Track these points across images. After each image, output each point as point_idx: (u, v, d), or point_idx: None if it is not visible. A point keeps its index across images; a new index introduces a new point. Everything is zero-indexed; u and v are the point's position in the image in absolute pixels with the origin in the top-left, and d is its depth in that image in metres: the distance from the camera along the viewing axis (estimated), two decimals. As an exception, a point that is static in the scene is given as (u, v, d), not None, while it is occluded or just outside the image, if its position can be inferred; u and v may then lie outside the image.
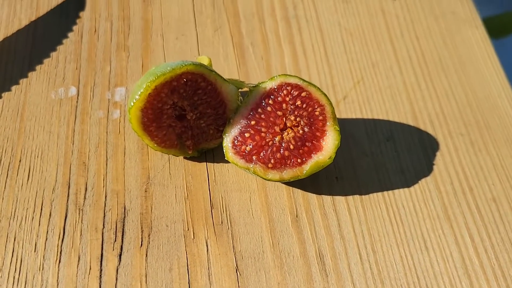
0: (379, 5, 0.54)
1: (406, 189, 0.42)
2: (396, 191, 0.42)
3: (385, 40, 0.51)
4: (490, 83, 0.49)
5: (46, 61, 0.46)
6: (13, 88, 0.45)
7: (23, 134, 0.42)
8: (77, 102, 0.44)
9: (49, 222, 0.39)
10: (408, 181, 0.43)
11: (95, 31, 0.49)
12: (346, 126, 0.45)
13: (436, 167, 0.44)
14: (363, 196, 0.42)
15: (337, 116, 0.46)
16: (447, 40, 0.52)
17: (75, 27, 0.49)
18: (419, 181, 0.43)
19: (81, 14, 0.50)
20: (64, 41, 0.48)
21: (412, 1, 0.54)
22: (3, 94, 0.44)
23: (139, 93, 0.36)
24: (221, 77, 0.39)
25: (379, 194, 0.42)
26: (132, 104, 0.37)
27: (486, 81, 0.49)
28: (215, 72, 0.38)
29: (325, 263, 0.38)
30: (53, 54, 0.47)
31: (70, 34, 0.48)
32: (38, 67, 0.46)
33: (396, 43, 0.51)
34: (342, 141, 0.44)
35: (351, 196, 0.42)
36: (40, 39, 0.48)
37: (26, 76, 0.45)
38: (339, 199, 0.41)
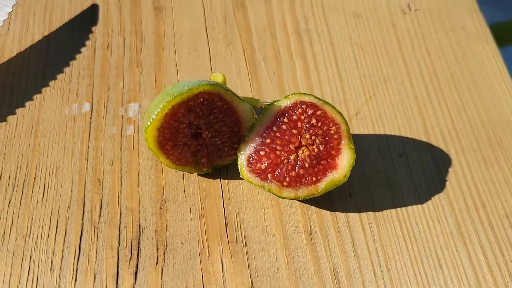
0: (390, 19, 0.54)
1: (419, 206, 0.43)
2: (409, 207, 0.42)
3: (396, 55, 0.51)
4: (502, 99, 0.49)
5: (59, 76, 0.47)
6: (27, 104, 0.45)
7: (37, 151, 0.43)
8: (91, 118, 0.45)
9: (64, 240, 0.39)
10: (421, 198, 0.43)
11: (108, 46, 0.49)
12: (359, 142, 0.45)
13: (448, 183, 0.44)
14: (376, 213, 0.42)
15: (350, 132, 0.46)
16: (458, 55, 0.52)
17: (88, 42, 0.49)
18: (432, 198, 0.43)
19: (93, 29, 0.50)
20: (77, 56, 0.48)
21: (423, 15, 0.54)
22: (17, 110, 0.44)
23: (156, 112, 0.36)
24: (237, 96, 0.39)
25: (393, 211, 0.42)
26: (149, 123, 0.37)
27: (498, 97, 0.49)
28: (231, 91, 0.39)
29: (340, 281, 0.38)
30: (67, 69, 0.47)
31: (83, 49, 0.48)
32: (51, 83, 0.46)
33: (408, 58, 0.51)
34: (356, 158, 0.44)
35: (364, 213, 0.42)
36: (53, 54, 0.48)
37: (40, 92, 0.46)
38: (353, 216, 0.42)
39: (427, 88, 0.49)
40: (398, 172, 0.44)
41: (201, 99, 0.37)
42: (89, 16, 0.50)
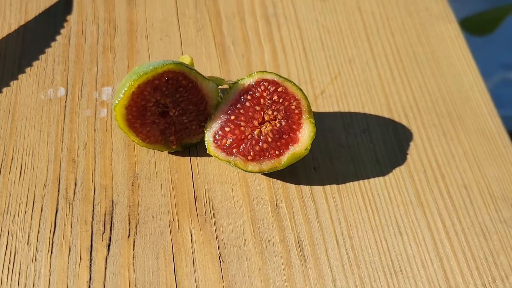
0: (356, 2, 0.56)
1: (381, 178, 0.45)
2: (371, 180, 0.45)
3: (362, 37, 0.53)
4: (463, 76, 0.51)
5: (35, 63, 0.48)
6: (4, 90, 0.47)
7: (14, 134, 0.44)
8: (65, 102, 0.46)
9: (41, 216, 0.41)
10: (383, 171, 0.45)
11: (82, 33, 0.51)
12: (324, 120, 0.47)
13: (409, 156, 0.46)
14: (340, 185, 0.44)
15: (315, 110, 0.48)
16: (421, 35, 0.54)
17: (62, 30, 0.51)
18: (394, 170, 0.45)
19: (68, 17, 0.52)
20: (53, 44, 0.50)
21: (387, -2, 0.56)
22: (-6, 96, 0.46)
23: (123, 91, 0.38)
24: (201, 75, 0.41)
25: (355, 183, 0.44)
26: (117, 102, 0.39)
27: (459, 74, 0.51)
28: (195, 70, 0.40)
29: (304, 249, 0.41)
30: (42, 56, 0.49)
31: (58, 37, 0.50)
32: (28, 70, 0.48)
33: (372, 39, 0.53)
34: (320, 133, 0.46)
35: (328, 185, 0.44)
36: (29, 43, 0.50)
37: (17, 78, 0.47)
38: (317, 188, 0.44)
39: (390, 67, 0.51)
40: (361, 147, 0.46)
41: (166, 78, 0.39)
42: (64, 5, 0.52)
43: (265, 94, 0.41)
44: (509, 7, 1.05)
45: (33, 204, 0.41)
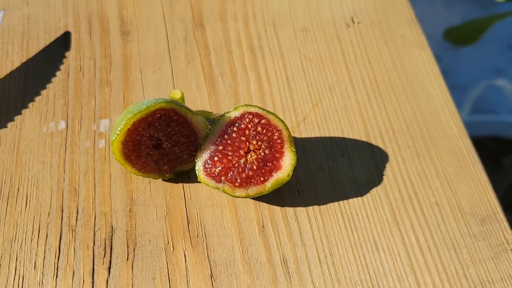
0: (335, 32, 0.60)
1: (359, 198, 0.48)
2: (350, 200, 0.48)
3: (341, 64, 0.57)
4: (435, 99, 0.55)
5: (37, 98, 0.52)
6: (9, 124, 0.50)
7: (20, 166, 0.48)
8: (66, 134, 0.50)
9: (46, 242, 0.44)
10: (361, 191, 0.49)
11: (80, 69, 0.54)
12: (306, 145, 0.51)
13: (385, 177, 0.50)
14: (321, 206, 0.48)
15: (298, 136, 0.52)
16: (396, 61, 0.58)
17: (62, 66, 0.54)
18: (371, 190, 0.49)
19: (67, 54, 0.55)
20: (53, 79, 0.53)
21: (365, 27, 0.60)
22: (0, 131, 0.50)
23: (119, 128, 0.42)
24: (191, 110, 0.45)
25: (336, 203, 0.48)
26: (114, 138, 0.42)
27: (431, 97, 0.55)
28: (185, 106, 0.44)
29: (289, 267, 0.44)
30: (43, 91, 0.53)
31: (57, 73, 0.54)
32: (30, 105, 0.52)
33: (351, 67, 0.57)
34: (302, 158, 0.50)
35: (310, 206, 0.48)
36: (31, 79, 0.53)
37: (20, 113, 0.51)
38: (300, 210, 0.47)
39: (368, 93, 0.55)
40: (341, 169, 0.50)
41: (159, 115, 0.43)
42: (63, 43, 0.56)
43: (250, 126, 0.45)
44: (492, 18, 1.09)
45: (39, 231, 0.45)
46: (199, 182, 0.48)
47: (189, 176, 0.48)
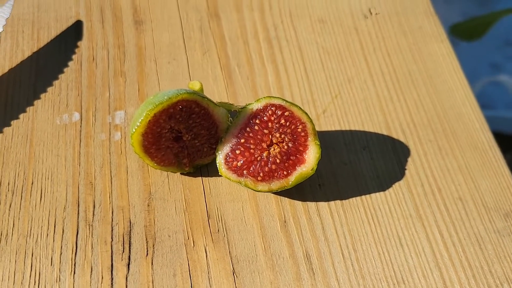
0: (353, 24, 0.59)
1: (381, 193, 0.47)
2: (372, 195, 0.47)
3: (359, 56, 0.56)
4: (455, 93, 0.54)
5: (49, 89, 0.51)
6: (21, 116, 0.49)
7: (33, 159, 0.46)
8: (80, 126, 0.49)
9: (62, 238, 0.43)
10: (383, 186, 0.48)
11: (93, 59, 0.53)
12: (326, 138, 0.50)
13: (407, 171, 0.49)
14: (343, 201, 0.47)
15: (318, 129, 0.51)
16: (416, 54, 0.57)
17: (74, 56, 0.53)
18: (393, 185, 0.48)
19: (79, 43, 0.54)
20: (65, 69, 0.52)
21: (382, 19, 0.59)
22: (12, 122, 0.48)
23: (140, 120, 0.40)
24: (212, 101, 0.43)
25: (358, 198, 0.47)
26: (134, 130, 0.41)
27: (452, 91, 0.54)
28: (207, 98, 0.43)
29: (312, 263, 0.43)
30: (56, 82, 0.51)
31: (70, 63, 0.52)
32: (42, 95, 0.50)
33: (369, 59, 0.56)
34: (323, 151, 0.49)
35: (332, 201, 0.47)
36: (42, 69, 0.52)
37: (32, 104, 0.49)
38: (322, 204, 0.46)
39: (387, 86, 0.54)
40: (362, 163, 0.49)
41: (180, 106, 0.41)
42: (74, 32, 0.54)
43: (272, 118, 0.44)
44: (498, 13, 1.09)
45: (55, 226, 0.43)
46: (219, 176, 0.46)
47: (208, 170, 0.47)
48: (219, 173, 0.44)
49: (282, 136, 0.44)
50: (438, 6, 0.64)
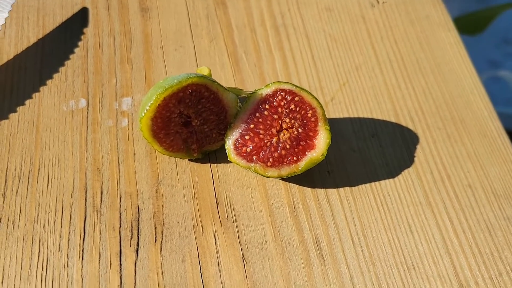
0: (360, 12, 0.58)
1: (391, 180, 0.47)
2: (382, 182, 0.47)
3: (367, 45, 0.56)
4: (463, 81, 0.54)
5: (55, 75, 0.50)
6: (27, 102, 0.48)
7: (39, 145, 0.46)
8: (87, 113, 0.48)
9: (70, 224, 0.42)
10: (392, 173, 0.48)
11: (99, 46, 0.52)
12: (334, 125, 0.50)
13: (417, 158, 0.49)
14: (353, 187, 0.46)
15: (326, 116, 0.50)
16: (423, 42, 0.56)
17: (80, 43, 0.52)
18: (402, 172, 0.48)
19: (85, 30, 0.53)
20: (71, 56, 0.51)
21: (390, 7, 0.59)
22: (18, 108, 0.48)
23: (150, 104, 0.40)
24: (222, 86, 0.43)
25: (367, 185, 0.47)
26: (143, 114, 0.40)
27: (460, 79, 0.54)
28: (217, 82, 0.42)
29: (322, 249, 0.43)
30: (62, 69, 0.51)
31: (76, 50, 0.52)
32: (48, 82, 0.50)
33: (377, 47, 0.56)
34: (333, 138, 0.49)
35: (342, 188, 0.46)
36: (48, 55, 0.51)
37: (38, 91, 0.49)
38: (332, 191, 0.46)
39: (395, 74, 0.54)
40: (371, 151, 0.49)
41: (190, 91, 0.41)
42: (80, 19, 0.54)
43: (282, 103, 0.43)
44: (499, 8, 1.09)
45: (62, 212, 0.43)
46: (227, 162, 0.46)
47: (216, 156, 0.47)
48: (228, 159, 0.43)
49: (292, 121, 0.43)
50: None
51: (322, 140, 0.43)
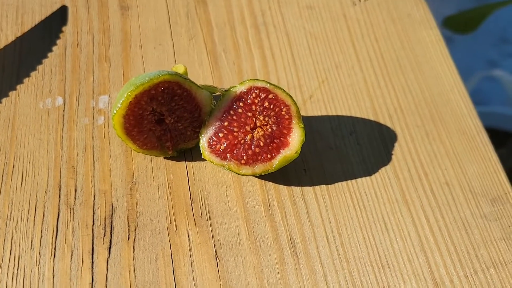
0: (341, 10, 0.58)
1: (368, 178, 0.47)
2: (358, 179, 0.47)
3: (347, 43, 0.56)
4: (444, 79, 0.54)
5: (33, 74, 0.50)
6: (3, 100, 0.48)
7: (15, 142, 0.46)
8: (64, 111, 0.48)
9: (43, 221, 0.42)
10: (369, 170, 0.47)
11: (77, 44, 0.52)
12: (312, 123, 0.50)
13: (394, 156, 0.48)
14: (329, 185, 0.46)
15: (304, 114, 0.50)
16: (404, 41, 0.56)
17: (58, 41, 0.52)
18: (379, 170, 0.47)
19: (63, 28, 0.53)
20: (49, 54, 0.51)
21: (371, 5, 0.59)
22: (-6, 106, 0.48)
23: (121, 101, 0.40)
24: (195, 84, 0.43)
25: (344, 183, 0.46)
26: (115, 111, 0.40)
27: (440, 77, 0.54)
28: (190, 79, 0.42)
29: (296, 247, 0.43)
30: (39, 67, 0.50)
31: (54, 48, 0.52)
32: (25, 80, 0.50)
33: (357, 45, 0.55)
34: (309, 136, 0.48)
35: (318, 186, 0.46)
36: (26, 54, 0.51)
37: (15, 89, 0.49)
38: (307, 189, 0.46)
39: (375, 72, 0.54)
40: (349, 148, 0.49)
41: (162, 88, 0.41)
42: (59, 17, 0.54)
43: (256, 101, 0.43)
44: (491, 6, 1.08)
45: (35, 210, 0.43)
46: (203, 160, 0.46)
47: (192, 154, 0.47)
48: (203, 157, 0.43)
49: (266, 119, 0.43)
50: (430, 0, 0.63)
51: (296, 138, 0.43)
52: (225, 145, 0.43)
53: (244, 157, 0.43)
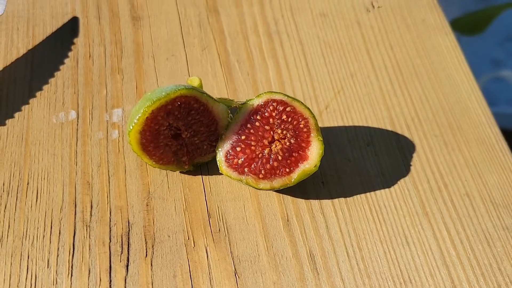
0: (355, 17, 0.57)
1: (386, 190, 0.46)
2: (377, 192, 0.46)
3: (362, 51, 0.55)
4: (461, 87, 0.53)
5: (45, 87, 0.49)
6: (16, 114, 0.48)
7: (28, 158, 0.45)
8: (77, 125, 0.47)
9: (59, 239, 0.42)
10: (388, 182, 0.47)
11: (90, 56, 0.52)
12: (329, 134, 0.49)
13: (413, 167, 0.48)
14: (347, 198, 0.45)
15: (320, 125, 0.49)
16: (419, 47, 0.55)
17: (70, 53, 0.52)
18: (398, 182, 0.47)
19: (75, 40, 0.53)
20: (61, 67, 0.51)
21: (385, 12, 0.58)
22: (7, 121, 0.47)
23: (137, 117, 0.39)
24: (212, 97, 0.42)
25: (362, 195, 0.46)
26: (131, 127, 0.40)
27: (457, 85, 0.53)
28: (206, 93, 0.42)
29: (316, 262, 0.42)
30: (52, 80, 0.50)
31: (66, 60, 0.51)
32: (38, 94, 0.49)
33: (372, 53, 0.55)
34: (326, 148, 0.48)
35: (336, 199, 0.45)
36: (38, 66, 0.50)
37: (28, 103, 0.48)
38: (326, 202, 0.45)
39: (391, 80, 0.53)
40: (367, 160, 0.48)
41: (179, 103, 0.40)
42: (70, 29, 0.53)
43: (274, 114, 0.43)
44: (498, 7, 1.07)
45: (51, 227, 0.42)
46: (219, 174, 0.45)
47: (208, 168, 0.46)
48: (220, 171, 0.43)
49: (284, 132, 0.42)
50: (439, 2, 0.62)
51: (315, 151, 0.42)
52: (242, 159, 0.42)
53: (262, 171, 0.42)
